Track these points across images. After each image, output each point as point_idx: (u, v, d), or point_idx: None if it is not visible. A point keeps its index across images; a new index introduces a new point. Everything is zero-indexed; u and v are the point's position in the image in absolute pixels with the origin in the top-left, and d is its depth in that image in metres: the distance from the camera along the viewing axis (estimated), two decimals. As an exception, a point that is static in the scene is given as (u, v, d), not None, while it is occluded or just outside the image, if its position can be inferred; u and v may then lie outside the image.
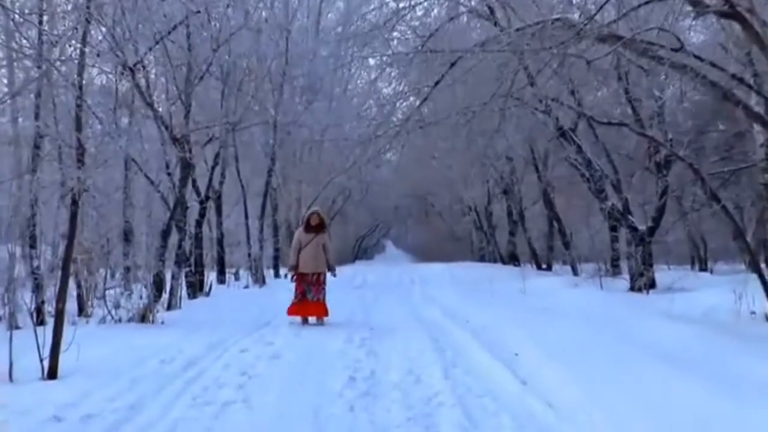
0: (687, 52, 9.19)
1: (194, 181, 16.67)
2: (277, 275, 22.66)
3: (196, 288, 15.61)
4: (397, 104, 14.83)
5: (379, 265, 36.73)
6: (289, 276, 11.08)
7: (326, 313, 10.62)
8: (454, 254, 38.00)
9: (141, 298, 10.85)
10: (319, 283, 10.66)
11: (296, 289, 10.72)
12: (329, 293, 10.91)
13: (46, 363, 6.61)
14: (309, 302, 10.59)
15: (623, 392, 5.62)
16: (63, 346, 6.75)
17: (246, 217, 21.42)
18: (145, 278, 11.67)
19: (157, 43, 12.45)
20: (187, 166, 13.07)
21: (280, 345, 8.64)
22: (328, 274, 10.91)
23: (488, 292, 14.88)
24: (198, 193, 17.28)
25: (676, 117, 15.36)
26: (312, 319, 10.64)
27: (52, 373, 6.60)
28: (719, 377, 5.98)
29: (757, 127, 12.55)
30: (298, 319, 10.64)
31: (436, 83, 12.08)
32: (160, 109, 13.28)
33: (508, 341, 8.20)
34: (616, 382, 5.95)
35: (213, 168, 17.89)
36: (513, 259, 26.77)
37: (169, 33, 12.51)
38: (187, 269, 14.68)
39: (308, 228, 10.78)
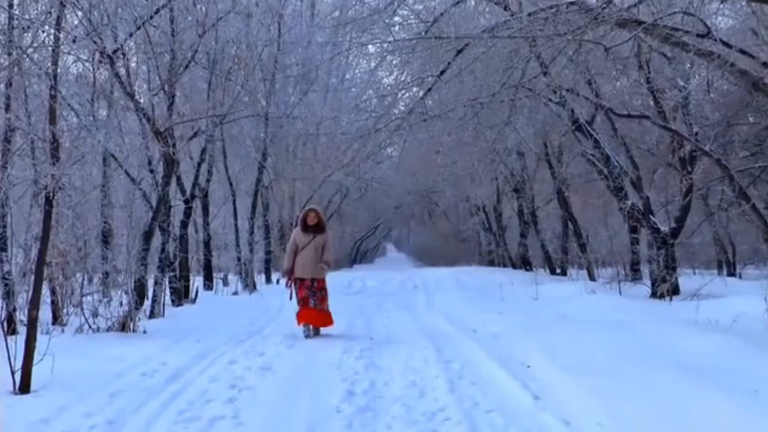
0: (714, 38, 9.18)
1: (179, 179, 16.67)
2: (268, 280, 22.66)
3: (181, 294, 15.61)
4: (399, 95, 14.88)
5: (379, 270, 36.71)
6: (284, 282, 10.67)
7: (331, 322, 10.38)
8: (460, 258, 38.02)
9: (121, 305, 10.84)
10: (319, 290, 10.34)
11: (298, 295, 10.42)
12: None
13: (17, 376, 6.60)
14: (311, 309, 10.27)
15: (644, 408, 5.61)
16: (36, 357, 6.74)
17: (235, 217, 21.43)
18: (125, 284, 11.66)
19: (138, 28, 12.43)
20: (170, 163, 13.07)
21: (272, 356, 8.64)
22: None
23: (497, 299, 14.88)
24: (183, 192, 17.28)
25: (702, 109, 15.35)
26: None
27: (24, 387, 6.59)
28: (749, 391, 5.96)
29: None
30: (300, 329, 10.34)
31: (441, 72, 12.08)
32: (142, 101, 13.27)
33: (519, 352, 8.20)
34: (636, 396, 5.95)
35: (199, 164, 17.90)
36: (524, 263, 26.76)
37: (151, 17, 12.50)
38: (171, 274, 14.66)
39: (306, 228, 10.44)
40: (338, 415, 5.96)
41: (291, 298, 10.53)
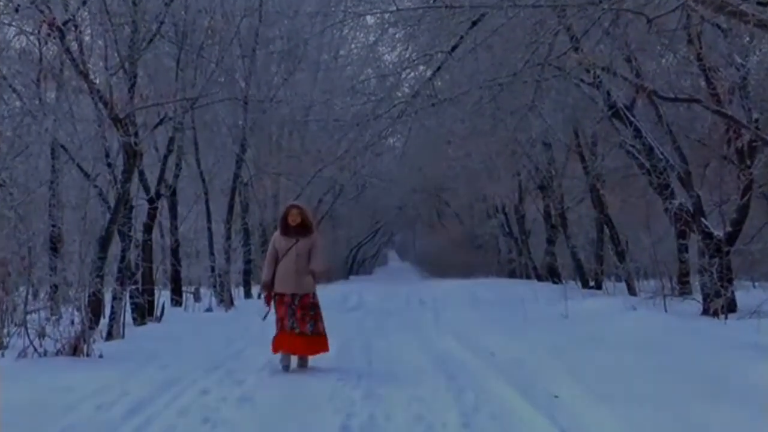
0: (777, 7, 9.18)
1: (141, 174, 16.67)
2: (248, 295, 22.67)
3: (144, 312, 15.61)
4: (403, 75, 14.86)
5: (379, 282, 36.72)
6: (263, 298, 10.16)
7: (326, 348, 9.73)
8: (475, 268, 38.00)
9: (72, 324, 10.81)
10: (305, 309, 9.63)
11: (276, 314, 9.77)
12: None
13: (-51, 408, 6.59)
14: (295, 335, 9.59)
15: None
16: (-29, 385, 6.73)
17: (208, 220, 21.44)
18: (77, 299, 11.65)
19: (93, -5, 12.44)
20: (132, 155, 13.06)
21: (252, 384, 8.63)
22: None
23: (520, 317, 14.87)
24: (147, 190, 17.28)
25: (764, 90, 15.34)
26: (294, 360, 9.78)
27: (-43, 421, 6.58)
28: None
29: None
30: (277, 357, 9.78)
31: (453, 48, 12.08)
32: (98, 81, 13.26)
33: (545, 379, 8.20)
34: (685, 432, 5.94)
35: (166, 157, 17.90)
36: (552, 275, 26.77)
37: (109, -18, 12.51)
38: (133, 287, 14.66)
39: (287, 230, 9.83)
40: (331, 454, 5.96)
41: (265, 317, 9.89)
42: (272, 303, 9.82)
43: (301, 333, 9.55)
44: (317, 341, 9.65)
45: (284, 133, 26.78)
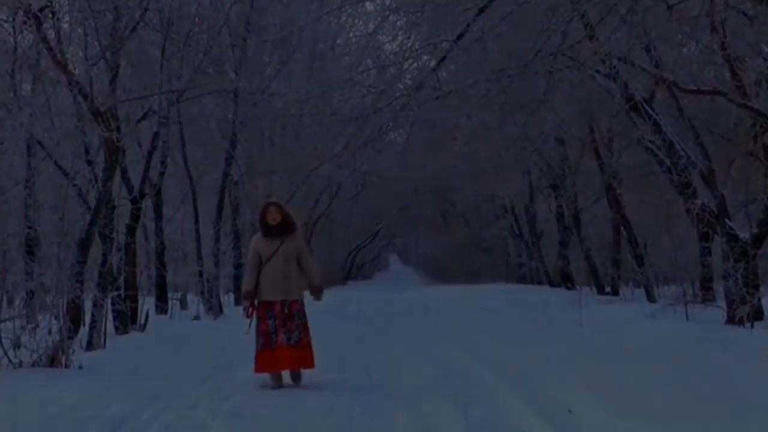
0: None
1: (124, 172, 16.65)
2: (238, 301, 22.65)
3: (127, 320, 15.60)
4: (405, 65, 14.88)
5: (379, 288, 36.75)
6: (243, 308, 9.68)
7: (312, 363, 9.48)
8: (482, 273, 38.03)
9: (50, 333, 10.82)
10: (292, 316, 9.38)
11: (258, 329, 9.44)
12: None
13: None
14: (281, 348, 9.32)
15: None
16: (-59, 399, 6.73)
17: (196, 221, 21.42)
18: (55, 306, 11.65)
19: (72, -20, 12.44)
20: (114, 152, 13.06)
21: (242, 398, 8.63)
22: (308, 300, 9.75)
23: (531, 326, 14.87)
24: (129, 189, 17.27)
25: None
26: (285, 375, 9.56)
27: (-74, 438, 6.58)
28: None
29: None
30: (260, 377, 9.51)
31: (459, 36, 12.09)
32: (77, 72, 13.26)
33: (557, 393, 8.19)
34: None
35: (150, 154, 17.88)
36: (564, 280, 26.79)
37: (90, -34, 12.51)
38: (115, 294, 14.67)
39: (268, 231, 9.47)
40: (327, 473, 5.96)
41: (248, 330, 9.53)
42: (254, 315, 9.50)
43: (290, 344, 9.30)
44: (301, 354, 9.39)
45: (277, 128, 26.74)
